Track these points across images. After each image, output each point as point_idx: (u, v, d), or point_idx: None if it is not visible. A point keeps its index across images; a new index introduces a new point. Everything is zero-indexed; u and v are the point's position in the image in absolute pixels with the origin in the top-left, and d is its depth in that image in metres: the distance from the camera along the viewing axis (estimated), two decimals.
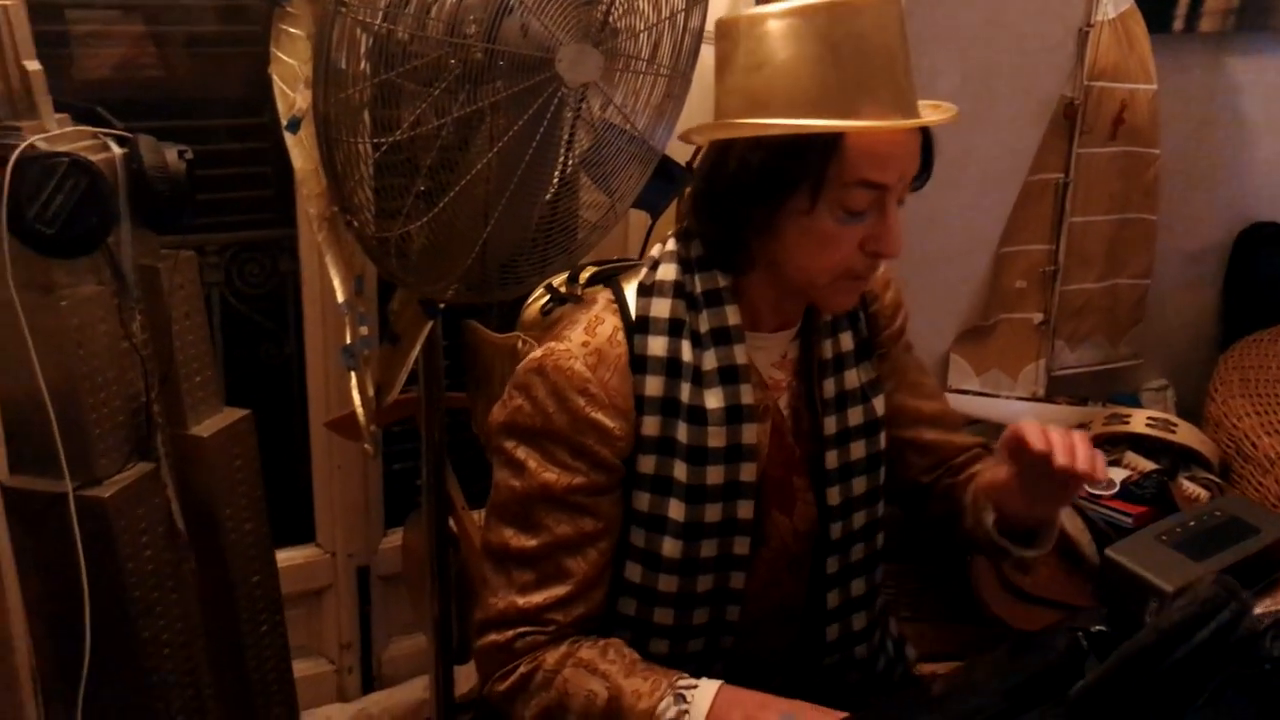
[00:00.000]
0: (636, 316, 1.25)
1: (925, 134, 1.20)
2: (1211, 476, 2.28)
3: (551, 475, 1.21)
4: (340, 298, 1.65)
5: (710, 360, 1.24)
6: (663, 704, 1.15)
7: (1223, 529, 1.01)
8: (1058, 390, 2.60)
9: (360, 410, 1.71)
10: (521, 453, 1.23)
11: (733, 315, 1.25)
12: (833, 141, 1.12)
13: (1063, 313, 2.56)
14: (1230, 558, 0.96)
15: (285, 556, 2.16)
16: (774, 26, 1.14)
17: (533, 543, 1.23)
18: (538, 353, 1.24)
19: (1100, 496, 2.13)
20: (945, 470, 1.50)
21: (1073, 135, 2.42)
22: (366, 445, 1.74)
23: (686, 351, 1.24)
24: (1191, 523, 1.00)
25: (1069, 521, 2.00)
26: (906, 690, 1.47)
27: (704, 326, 1.24)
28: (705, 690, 1.15)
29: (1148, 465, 2.24)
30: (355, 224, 1.43)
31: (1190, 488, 2.18)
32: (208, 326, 1.67)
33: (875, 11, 1.13)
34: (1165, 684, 0.71)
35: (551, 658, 1.22)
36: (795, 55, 1.13)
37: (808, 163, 1.13)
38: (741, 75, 1.18)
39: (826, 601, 1.35)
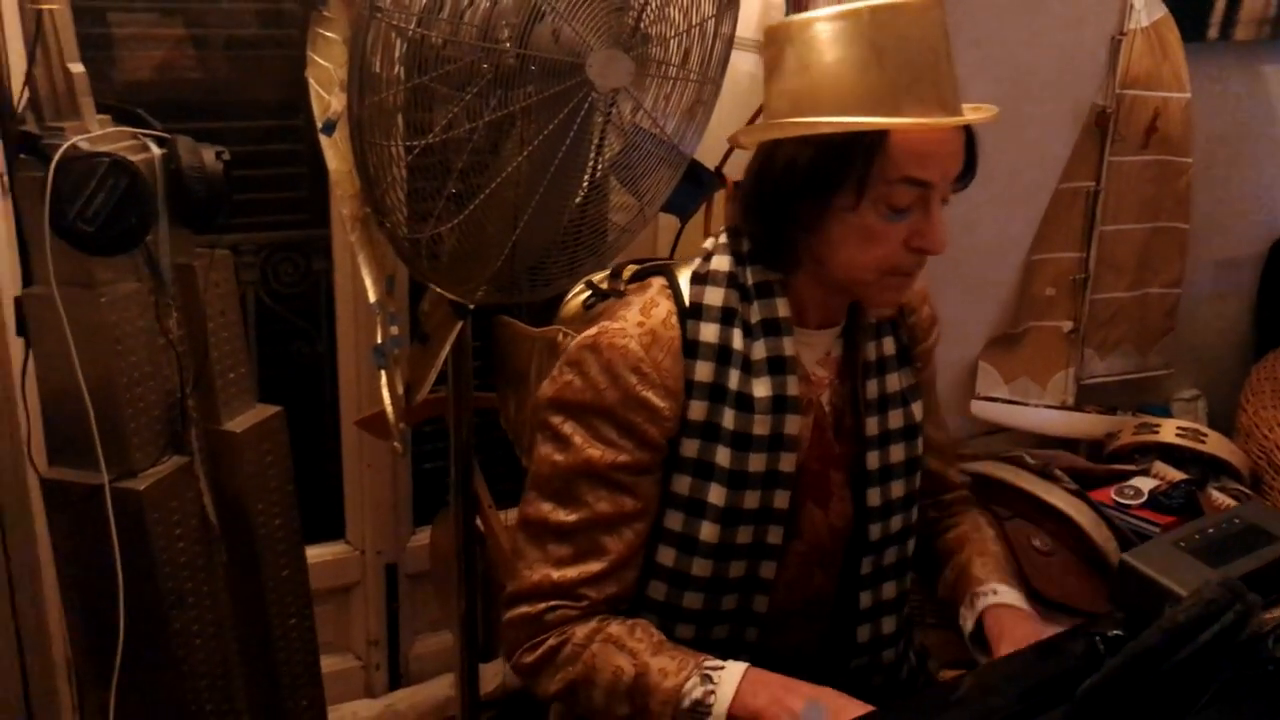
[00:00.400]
0: (690, 303, 1.28)
1: (969, 134, 1.24)
2: (1241, 488, 2.26)
3: (596, 451, 1.24)
4: (372, 297, 1.68)
5: (760, 350, 1.26)
6: (689, 683, 1.17)
7: (1241, 536, 1.01)
8: (1087, 399, 2.58)
9: (390, 409, 1.74)
10: (568, 428, 1.25)
11: (783, 308, 1.28)
12: (877, 139, 1.16)
13: (1093, 321, 2.54)
14: (1248, 565, 0.96)
15: (314, 553, 2.18)
16: (820, 30, 1.18)
17: (571, 518, 1.25)
18: (592, 330, 1.27)
19: (1129, 506, 2.11)
20: (933, 503, 1.55)
21: (1104, 143, 2.41)
22: (396, 444, 1.76)
23: (737, 340, 1.26)
24: (1210, 529, 1.00)
25: (1095, 531, 1.99)
26: (924, 691, 1.48)
27: (755, 317, 1.27)
28: (732, 671, 1.17)
29: (1177, 475, 2.23)
30: (387, 225, 1.45)
31: (1220, 498, 2.16)
32: (242, 324, 1.70)
33: (918, 14, 1.17)
34: (1169, 684, 0.72)
35: (581, 632, 1.25)
36: (841, 57, 1.17)
37: (853, 160, 1.16)
38: (789, 78, 1.22)
39: (859, 602, 1.37)
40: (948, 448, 1.56)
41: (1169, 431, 2.34)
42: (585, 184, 1.54)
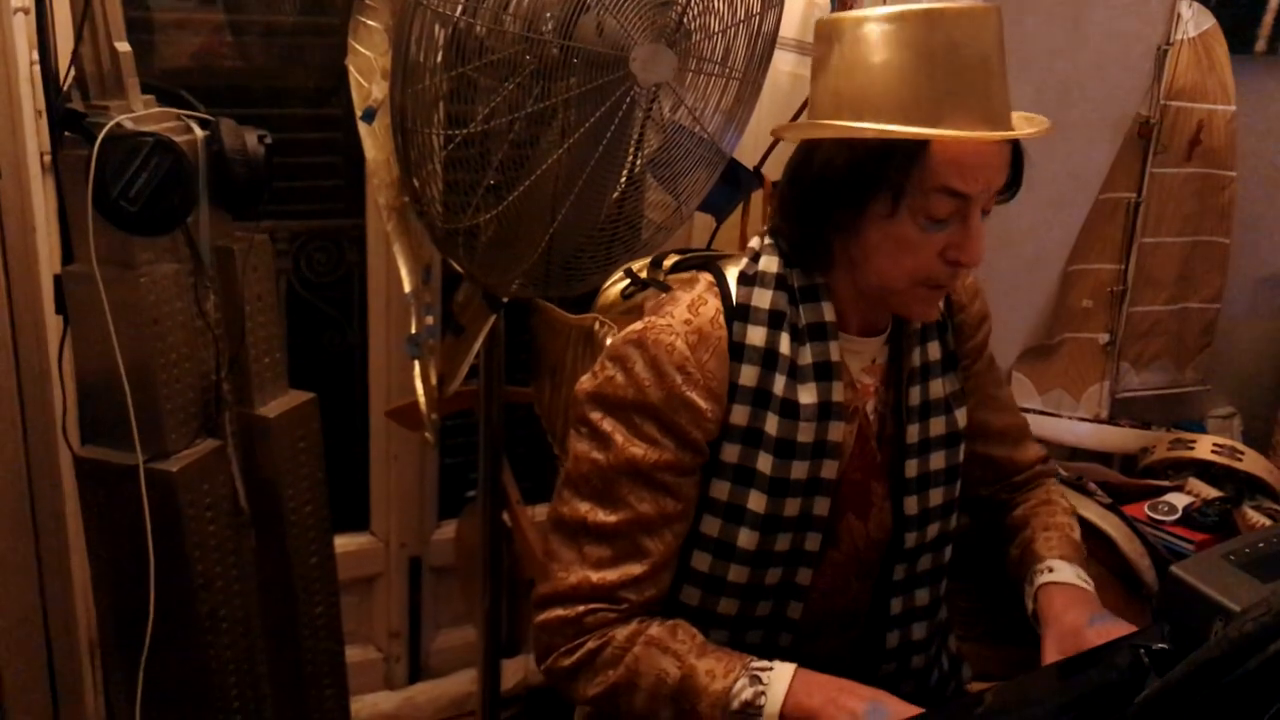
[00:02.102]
0: (738, 304, 1.25)
1: (1015, 146, 1.20)
2: (1277, 506, 2.24)
3: (639, 450, 1.21)
4: (407, 287, 1.68)
5: (807, 355, 1.24)
6: (738, 684, 1.14)
7: None
8: (1121, 413, 2.56)
9: (423, 399, 1.74)
10: (608, 425, 1.22)
11: (828, 312, 1.25)
12: (918, 148, 1.13)
13: (1129, 334, 2.52)
14: None
15: (339, 543, 2.17)
16: (872, 30, 1.15)
17: (612, 519, 1.22)
18: (638, 325, 1.24)
19: (1163, 522, 2.09)
20: (1003, 486, 1.51)
21: (1147, 154, 2.39)
22: (427, 434, 1.76)
23: (785, 344, 1.23)
24: (1260, 544, 0.98)
25: (1128, 545, 1.97)
26: (958, 700, 1.46)
27: (802, 321, 1.25)
28: (781, 671, 1.15)
29: (1212, 492, 2.20)
30: (425, 214, 1.45)
31: (1255, 516, 2.14)
32: (278, 310, 1.70)
33: (973, 21, 1.14)
34: (1234, 696, 0.70)
35: (621, 634, 1.22)
36: (889, 60, 1.14)
37: (891, 167, 1.13)
38: (835, 77, 1.19)
39: (890, 607, 1.35)
40: (1013, 431, 1.51)
41: (1204, 448, 2.31)
42: (623, 180, 1.54)
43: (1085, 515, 2.00)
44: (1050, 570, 1.35)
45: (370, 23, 1.59)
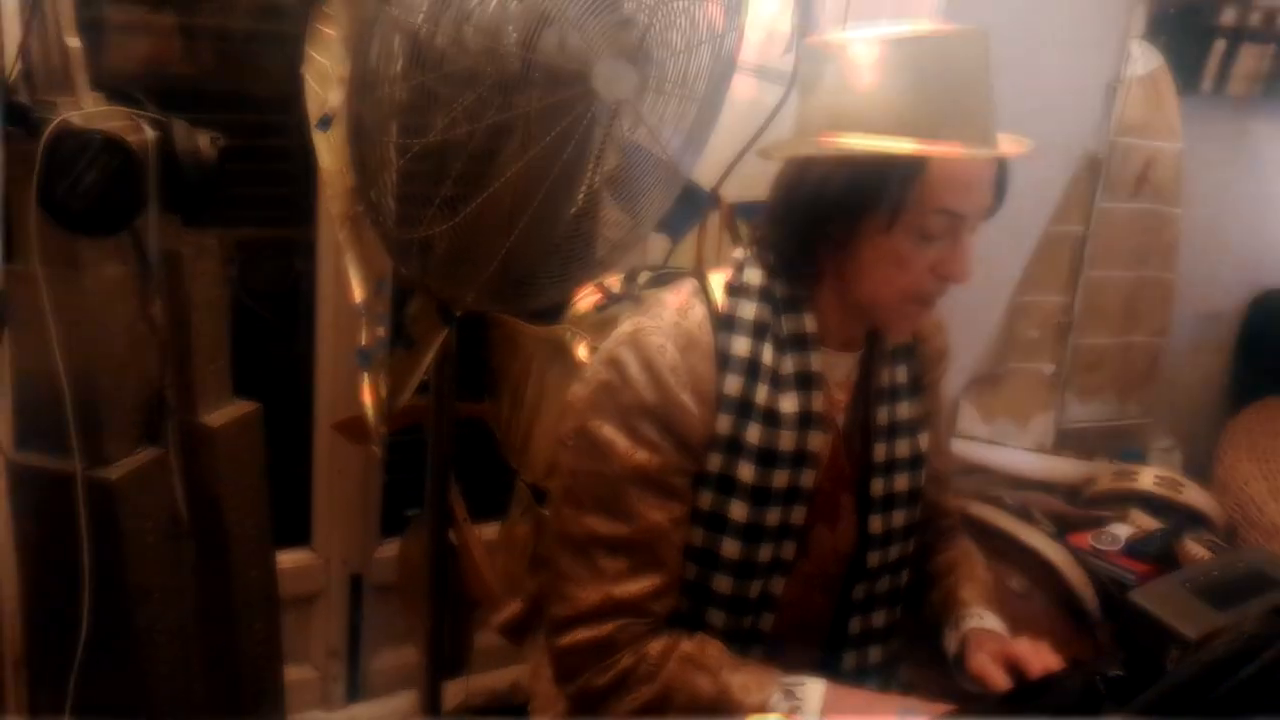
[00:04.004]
0: (723, 313, 1.26)
1: (1000, 166, 1.24)
2: (1216, 539, 2.27)
3: (644, 456, 1.21)
4: (358, 298, 1.65)
5: (788, 365, 1.25)
6: (774, 698, 1.15)
7: (1246, 580, 1.01)
8: (1065, 444, 2.59)
9: (370, 412, 1.71)
10: (608, 432, 1.21)
11: (810, 323, 1.27)
12: (916, 166, 1.15)
13: (1075, 366, 2.55)
14: (1253, 609, 0.95)
15: (279, 558, 2.14)
16: (864, 52, 1.17)
17: (625, 529, 1.22)
18: (628, 327, 1.25)
19: (1106, 552, 2.11)
20: (927, 529, 1.53)
21: (1095, 189, 2.43)
22: (375, 447, 1.73)
23: (768, 355, 1.25)
24: (1215, 572, 0.99)
25: (1072, 574, 1.99)
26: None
27: (784, 331, 1.26)
28: (813, 687, 1.16)
29: (1154, 524, 2.23)
30: (380, 225, 1.43)
31: (1195, 548, 2.16)
32: (225, 317, 1.67)
33: (963, 45, 1.17)
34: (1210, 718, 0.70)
35: (655, 649, 1.22)
36: (883, 81, 1.16)
37: (891, 185, 1.15)
38: (828, 95, 1.20)
39: (849, 628, 1.36)
40: (945, 476, 1.55)
41: (1147, 480, 2.34)
42: (581, 197, 1.53)
43: (1031, 544, 2.02)
44: (980, 618, 1.38)
45: (328, 31, 1.57)
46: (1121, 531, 2.17)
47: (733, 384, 1.23)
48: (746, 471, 1.23)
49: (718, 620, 1.28)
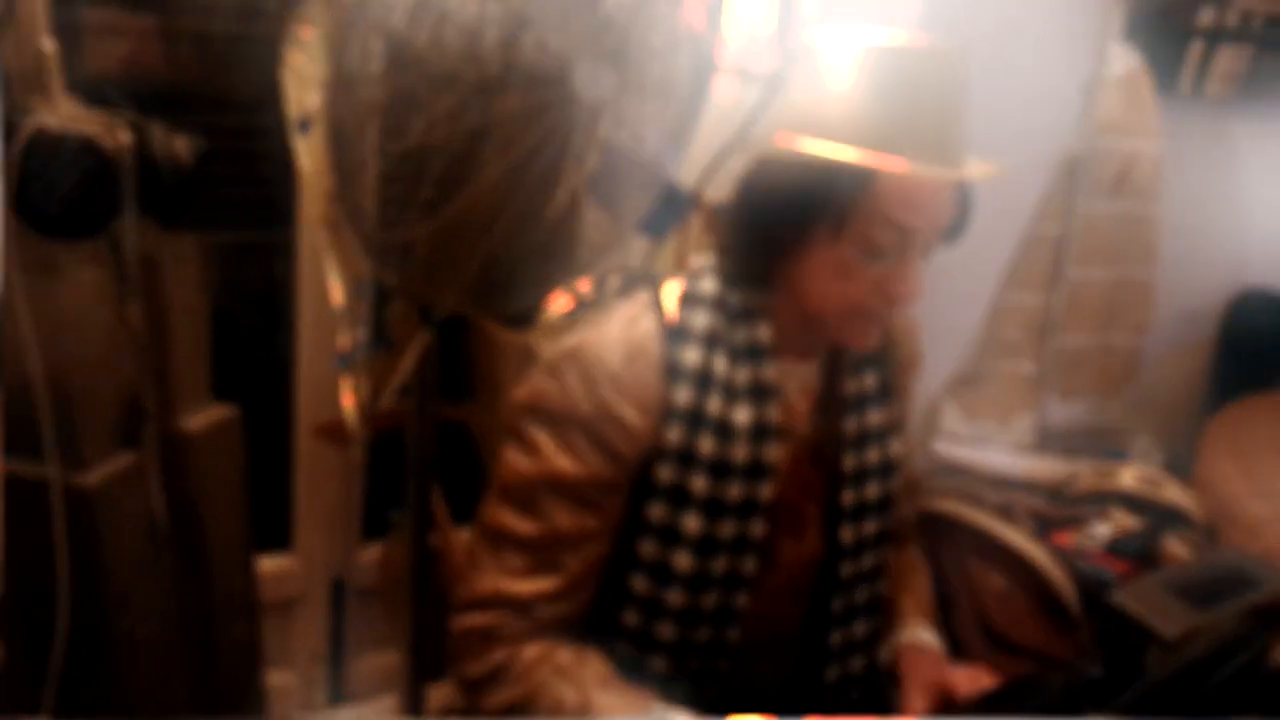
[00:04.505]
0: (675, 324, 1.25)
1: (961, 188, 1.22)
2: (1197, 538, 2.28)
3: (566, 462, 1.20)
4: (338, 301, 1.65)
5: (742, 376, 1.24)
6: None
7: (1225, 580, 1.01)
8: (1047, 443, 2.59)
9: (351, 415, 1.70)
10: (538, 435, 1.22)
11: (764, 332, 1.25)
12: (865, 176, 1.13)
13: (1056, 366, 2.56)
14: (1232, 609, 0.96)
15: (259, 563, 2.13)
16: (838, 58, 1.16)
17: (532, 529, 1.22)
18: (572, 339, 1.25)
19: (1087, 551, 2.12)
20: None
21: (1075, 189, 2.43)
22: (355, 450, 1.73)
23: (720, 365, 1.24)
24: (1194, 572, 1.00)
25: (1054, 573, 1.99)
26: None
27: (738, 341, 1.25)
28: None
29: (1134, 523, 2.23)
30: (360, 227, 1.42)
31: (1176, 546, 2.17)
32: (204, 321, 1.66)
33: (937, 62, 1.16)
34: (1189, 716, 0.70)
35: (529, 654, 1.22)
36: (847, 90, 1.15)
37: (838, 192, 1.14)
38: (797, 99, 1.20)
39: (829, 641, 1.35)
40: (905, 483, 1.51)
41: (1128, 478, 2.35)
42: (562, 198, 1.53)
43: (1012, 542, 2.02)
44: (914, 631, 1.40)
45: (307, 32, 1.57)
46: (1102, 530, 2.18)
47: (683, 395, 1.22)
48: (699, 484, 1.22)
49: (668, 633, 1.27)
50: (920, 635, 1.38)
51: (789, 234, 1.20)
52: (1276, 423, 2.54)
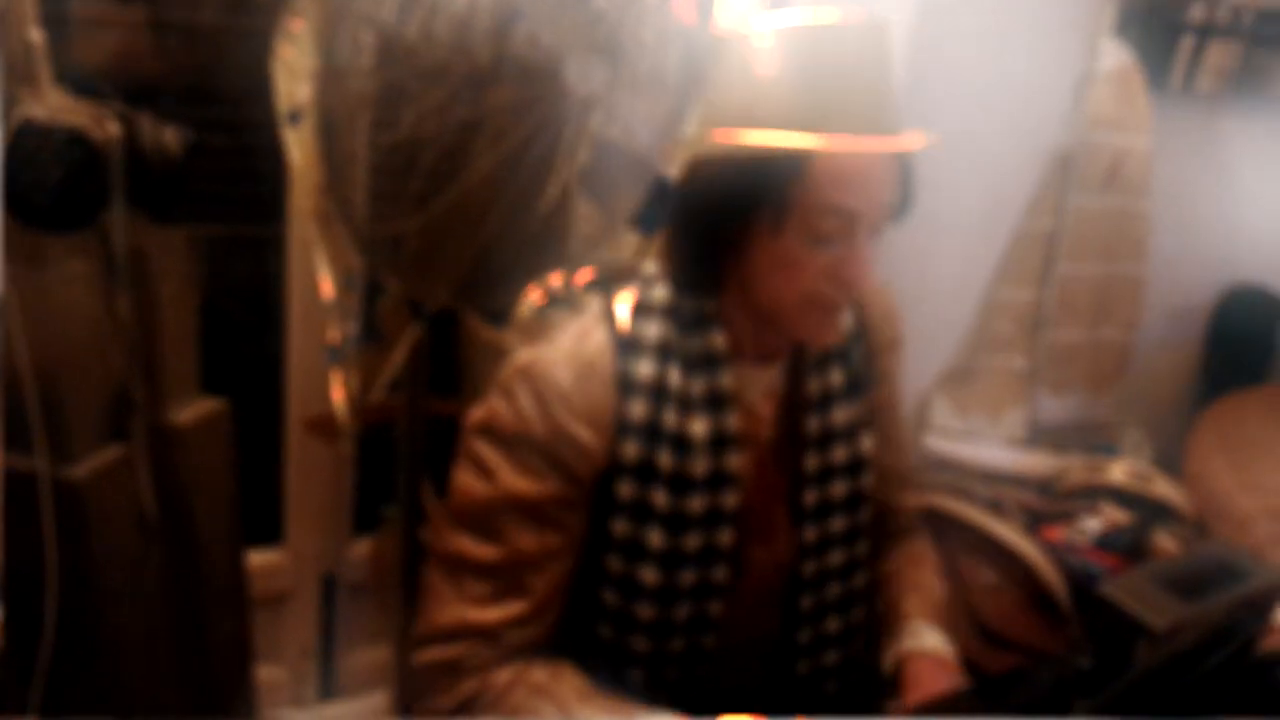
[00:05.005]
0: (627, 335, 1.23)
1: (906, 163, 1.19)
2: (1186, 532, 2.28)
3: (523, 483, 1.18)
4: (328, 295, 1.64)
5: (698, 386, 1.21)
6: None
7: (1213, 573, 1.02)
8: (1038, 438, 2.60)
9: (341, 409, 1.70)
10: (493, 457, 1.19)
11: (718, 339, 1.22)
12: (799, 161, 1.11)
13: (1047, 361, 2.56)
14: (1221, 602, 0.96)
15: (249, 557, 2.12)
16: (756, 44, 1.14)
17: (493, 553, 1.19)
18: (524, 357, 1.22)
19: (1077, 546, 2.12)
20: (879, 533, 1.48)
21: (1067, 184, 2.43)
22: (346, 444, 1.72)
23: (674, 376, 1.21)
24: (1183, 565, 1.00)
25: (1044, 568, 1.99)
26: None
27: (692, 350, 1.22)
28: None
29: (1124, 517, 2.24)
30: (350, 220, 1.42)
31: (1166, 541, 2.18)
32: (194, 314, 1.65)
33: (858, 37, 1.13)
34: (1176, 707, 0.70)
35: (501, 678, 1.19)
36: (772, 75, 1.13)
37: (772, 181, 1.12)
38: (722, 92, 1.18)
39: (799, 638, 1.34)
40: (897, 474, 1.48)
41: (1118, 473, 2.36)
42: (553, 191, 1.52)
43: (1002, 537, 2.03)
44: (918, 635, 1.35)
45: (297, 25, 1.56)
46: (1092, 525, 2.19)
47: (638, 409, 1.19)
48: (660, 498, 1.20)
49: (641, 645, 1.25)
50: (925, 640, 1.34)
51: (731, 231, 1.17)
52: (1266, 418, 2.55)
